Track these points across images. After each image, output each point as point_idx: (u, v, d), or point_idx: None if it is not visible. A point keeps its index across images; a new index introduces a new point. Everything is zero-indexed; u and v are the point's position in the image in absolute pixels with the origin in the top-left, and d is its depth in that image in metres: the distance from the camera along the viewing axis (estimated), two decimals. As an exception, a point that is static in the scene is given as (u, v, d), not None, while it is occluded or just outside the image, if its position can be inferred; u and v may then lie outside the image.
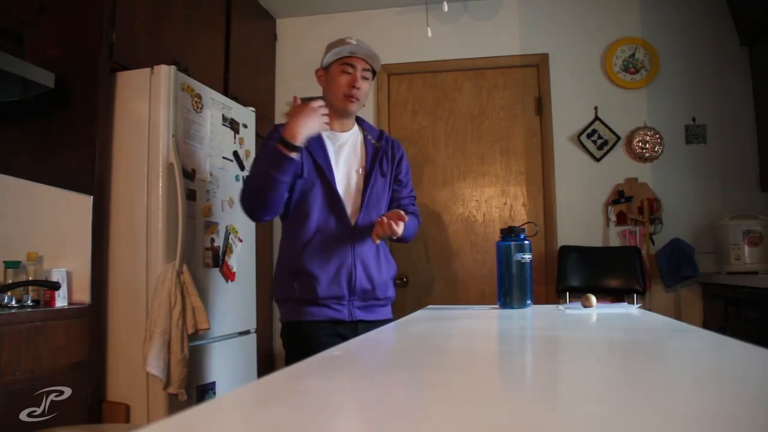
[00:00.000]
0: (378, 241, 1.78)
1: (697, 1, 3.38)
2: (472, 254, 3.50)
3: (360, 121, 2.01)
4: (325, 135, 1.87)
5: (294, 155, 1.68)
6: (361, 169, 1.90)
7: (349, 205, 1.85)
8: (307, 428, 0.44)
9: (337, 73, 1.86)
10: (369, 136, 1.96)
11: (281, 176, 1.69)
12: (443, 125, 3.59)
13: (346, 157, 1.90)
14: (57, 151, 2.24)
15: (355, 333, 1.78)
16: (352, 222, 1.83)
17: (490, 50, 3.56)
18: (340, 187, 1.84)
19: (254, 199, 1.77)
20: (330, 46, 1.89)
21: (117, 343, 2.26)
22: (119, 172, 2.33)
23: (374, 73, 1.92)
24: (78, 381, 2.02)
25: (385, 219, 1.70)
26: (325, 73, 1.91)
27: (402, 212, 1.73)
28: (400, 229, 1.70)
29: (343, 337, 1.76)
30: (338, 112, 1.89)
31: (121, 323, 2.26)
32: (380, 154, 1.93)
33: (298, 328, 1.82)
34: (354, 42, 1.86)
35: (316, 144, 1.84)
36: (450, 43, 3.59)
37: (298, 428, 0.44)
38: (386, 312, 1.95)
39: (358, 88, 1.85)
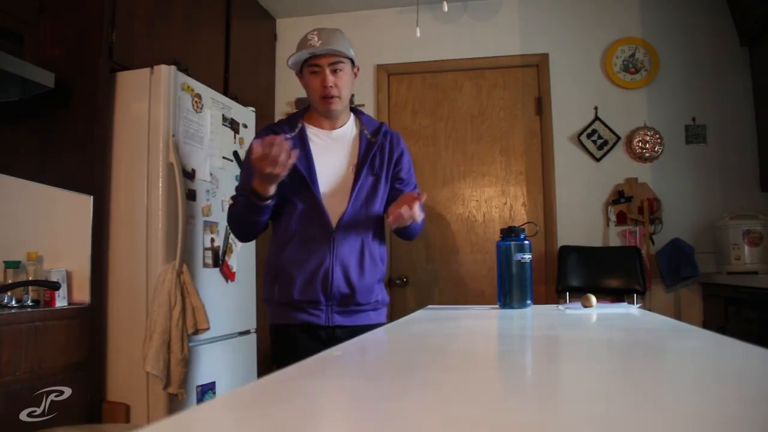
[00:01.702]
0: (394, 226, 1.67)
1: (697, 1, 3.38)
2: (472, 254, 3.50)
3: (359, 114, 1.90)
4: (311, 133, 1.81)
5: (269, 202, 1.67)
6: (352, 167, 1.80)
7: (334, 204, 1.75)
8: (307, 428, 0.44)
9: (307, 76, 1.77)
10: (365, 131, 1.85)
11: (261, 218, 1.73)
12: (443, 125, 3.59)
13: (335, 155, 1.80)
14: (57, 151, 2.24)
15: (334, 337, 1.72)
16: (334, 222, 1.74)
17: (490, 50, 3.56)
18: (325, 187, 1.75)
19: (240, 234, 1.85)
20: (291, 56, 1.79)
21: (117, 343, 2.26)
22: (119, 172, 2.33)
23: (351, 60, 1.79)
24: (78, 381, 2.03)
25: (401, 208, 1.60)
26: (301, 76, 1.82)
27: (416, 193, 1.64)
28: (417, 211, 1.61)
29: (323, 342, 1.71)
30: (322, 114, 1.82)
31: (121, 323, 2.26)
32: (374, 149, 1.80)
33: (278, 330, 1.79)
34: (315, 38, 1.72)
35: (297, 145, 1.75)
36: (450, 43, 3.59)
37: (298, 428, 0.44)
38: (375, 317, 1.82)
39: (330, 86, 1.73)
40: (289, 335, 1.75)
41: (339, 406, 0.53)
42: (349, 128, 1.86)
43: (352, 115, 1.89)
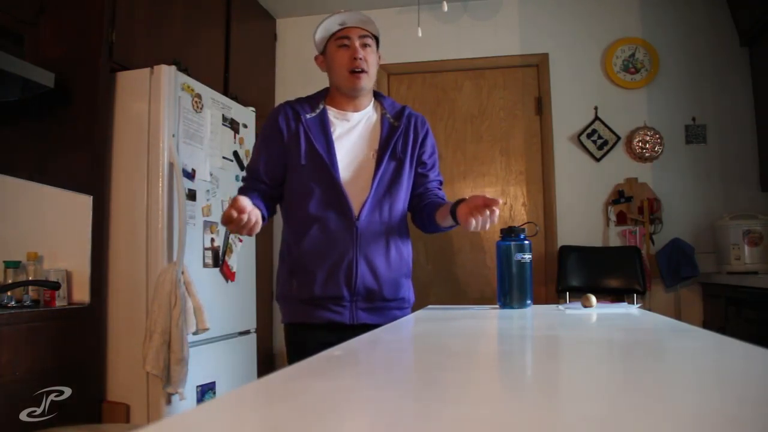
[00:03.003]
0: (472, 228, 1.53)
1: (697, 1, 3.38)
2: (472, 254, 3.50)
3: (380, 98, 1.78)
4: (331, 115, 1.70)
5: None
6: (373, 153, 1.68)
7: (356, 193, 1.63)
8: (308, 428, 0.44)
9: (334, 50, 1.67)
10: (387, 114, 1.73)
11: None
12: (443, 125, 3.59)
13: (356, 140, 1.69)
14: (57, 151, 2.24)
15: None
16: (357, 212, 1.62)
17: (490, 50, 3.56)
18: (345, 174, 1.64)
19: None
20: (318, 26, 1.70)
21: (117, 343, 2.26)
22: (119, 172, 2.33)
23: (376, 39, 1.73)
24: (78, 381, 2.03)
25: (480, 212, 1.49)
26: (324, 57, 1.71)
27: (490, 199, 1.50)
28: (495, 217, 1.50)
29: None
30: (348, 92, 1.69)
31: (121, 323, 2.26)
32: (397, 134, 1.69)
33: (295, 330, 1.67)
34: (343, 12, 1.67)
35: (318, 127, 1.66)
36: (450, 43, 3.59)
37: (298, 428, 0.44)
38: (399, 316, 1.68)
39: (360, 59, 1.64)
40: (308, 335, 1.63)
41: (339, 406, 0.53)
42: (370, 112, 1.75)
43: (373, 98, 1.79)
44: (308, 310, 1.63)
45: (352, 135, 1.70)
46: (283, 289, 1.69)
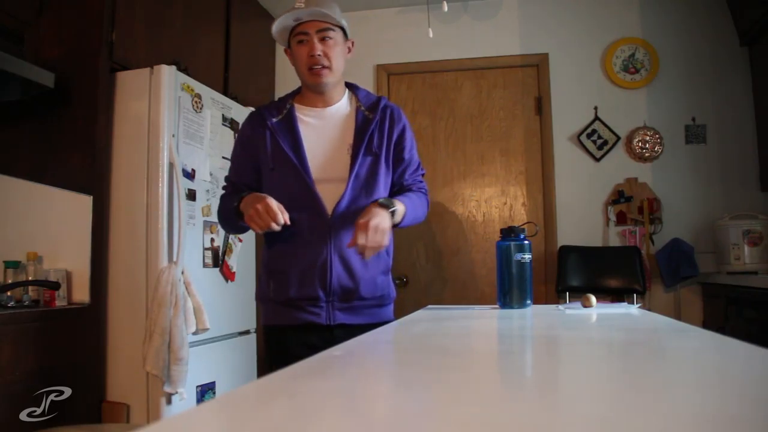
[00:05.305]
0: (366, 254, 1.49)
1: (697, 1, 3.38)
2: (472, 254, 3.50)
3: (355, 90, 1.73)
4: (301, 114, 1.66)
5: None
6: (348, 147, 1.63)
7: (330, 190, 1.59)
8: (307, 428, 0.44)
9: (294, 47, 1.62)
10: (362, 107, 1.67)
11: (244, 231, 1.69)
12: (443, 125, 3.59)
13: (328, 135, 1.64)
14: (57, 151, 2.24)
15: (332, 339, 1.56)
16: (330, 210, 1.58)
17: (490, 50, 3.56)
18: (318, 171, 1.59)
19: (225, 229, 1.79)
20: (276, 20, 1.65)
21: (117, 343, 2.26)
22: (119, 172, 2.33)
23: (343, 30, 1.65)
24: (78, 381, 2.03)
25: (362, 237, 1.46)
26: (290, 52, 1.67)
27: (362, 222, 1.47)
28: (383, 238, 1.48)
29: (324, 343, 1.31)
30: (312, 89, 1.65)
31: (121, 323, 2.26)
32: (372, 126, 1.63)
33: (273, 332, 1.64)
34: (301, 4, 1.59)
35: (284, 128, 1.62)
36: (450, 43, 3.59)
37: (298, 428, 0.44)
38: (381, 314, 1.67)
39: (318, 55, 1.58)
40: (285, 337, 1.61)
41: (339, 407, 0.53)
42: (343, 105, 1.69)
43: (347, 91, 1.73)
44: (285, 311, 1.61)
45: (323, 130, 1.65)
46: (262, 290, 1.68)
